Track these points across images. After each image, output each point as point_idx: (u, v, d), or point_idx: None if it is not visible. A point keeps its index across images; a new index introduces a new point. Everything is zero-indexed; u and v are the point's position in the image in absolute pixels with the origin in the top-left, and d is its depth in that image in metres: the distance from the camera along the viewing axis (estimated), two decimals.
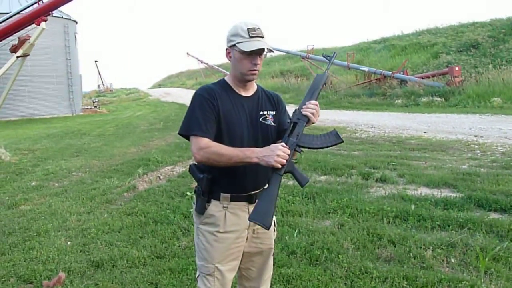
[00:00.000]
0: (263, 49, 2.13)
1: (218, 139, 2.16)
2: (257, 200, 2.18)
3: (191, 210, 5.35)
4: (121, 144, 12.66)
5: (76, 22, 32.13)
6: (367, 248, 4.06)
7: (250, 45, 2.09)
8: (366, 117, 15.97)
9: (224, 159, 2.07)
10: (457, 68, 19.29)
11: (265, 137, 2.27)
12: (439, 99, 18.39)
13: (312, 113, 2.32)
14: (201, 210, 2.24)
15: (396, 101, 19.86)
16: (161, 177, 7.72)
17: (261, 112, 2.29)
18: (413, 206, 5.08)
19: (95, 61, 57.15)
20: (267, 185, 2.19)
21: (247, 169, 2.17)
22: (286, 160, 2.10)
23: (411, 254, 3.86)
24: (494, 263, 3.58)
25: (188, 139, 2.28)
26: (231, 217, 2.21)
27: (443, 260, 3.74)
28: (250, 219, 2.10)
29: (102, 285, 3.62)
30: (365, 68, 24.16)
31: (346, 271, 3.59)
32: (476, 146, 9.07)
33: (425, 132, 11.48)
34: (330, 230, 4.55)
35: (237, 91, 2.26)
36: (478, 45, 22.93)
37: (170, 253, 4.24)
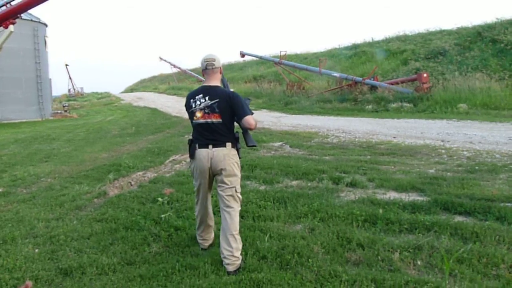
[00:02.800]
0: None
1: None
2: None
3: (162, 216, 5.34)
4: (92, 149, 12.47)
5: (46, 25, 31.51)
6: (337, 251, 4.11)
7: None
8: (338, 123, 16.16)
9: None
10: (425, 75, 19.72)
11: None
12: (408, 104, 18.76)
13: None
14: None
15: (367, 106, 20.15)
16: (132, 183, 7.64)
17: None
18: (381, 210, 5.17)
19: (66, 65, 55.94)
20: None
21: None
22: None
23: (379, 257, 3.93)
24: (458, 265, 3.67)
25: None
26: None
27: (410, 263, 3.82)
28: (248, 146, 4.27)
29: None
30: (337, 74, 24.46)
31: (316, 275, 3.63)
32: (443, 151, 9.30)
33: (394, 137, 11.69)
34: (300, 234, 4.59)
35: None
36: (445, 53, 23.51)
37: (140, 260, 4.21)
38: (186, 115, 15.81)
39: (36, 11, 30.54)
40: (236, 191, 4.07)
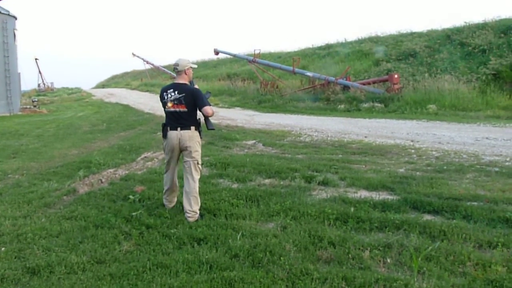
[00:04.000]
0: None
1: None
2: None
3: (133, 214, 5.28)
4: (62, 146, 12.22)
5: (16, 18, 30.65)
6: (308, 250, 4.14)
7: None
8: (310, 122, 16.27)
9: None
10: (396, 76, 20.03)
11: None
12: (379, 105, 19.03)
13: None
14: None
15: (339, 106, 20.35)
16: (103, 180, 7.52)
17: None
18: (352, 209, 5.23)
19: (36, 59, 54.68)
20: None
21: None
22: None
23: (350, 255, 3.97)
24: (426, 263, 3.75)
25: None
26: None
27: (380, 261, 3.88)
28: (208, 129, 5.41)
29: None
30: (310, 74, 24.61)
31: (287, 273, 3.64)
32: (413, 151, 9.47)
33: (365, 137, 11.85)
34: (273, 232, 4.60)
35: None
36: (416, 54, 23.93)
37: (110, 258, 4.14)
38: (158, 112, 15.71)
39: (5, 4, 29.71)
40: (197, 163, 5.37)
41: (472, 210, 5.02)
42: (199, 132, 5.44)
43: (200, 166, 5.41)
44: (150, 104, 27.08)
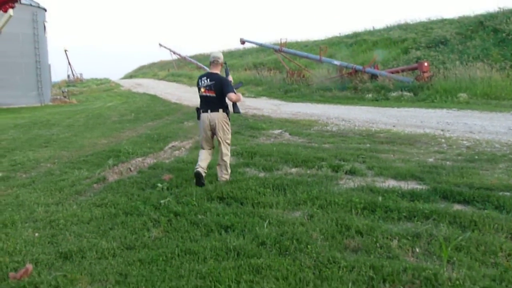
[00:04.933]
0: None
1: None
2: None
3: (161, 201, 5.37)
4: (91, 135, 12.48)
5: (45, 10, 31.29)
6: (336, 238, 4.13)
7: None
8: (337, 111, 16.14)
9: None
10: (426, 64, 19.63)
11: None
12: (408, 93, 18.71)
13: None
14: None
15: (367, 95, 20.10)
16: (132, 169, 7.65)
17: None
18: (380, 198, 5.18)
19: (65, 50, 55.40)
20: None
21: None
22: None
23: (377, 244, 3.94)
24: (456, 253, 3.69)
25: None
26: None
27: (408, 250, 3.84)
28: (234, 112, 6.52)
29: (70, 276, 3.58)
30: (337, 62, 24.32)
31: (314, 261, 3.65)
32: (443, 140, 9.30)
33: (394, 126, 11.69)
34: (299, 221, 4.61)
35: None
36: (447, 42, 23.38)
37: (140, 244, 4.23)
38: (185, 102, 15.95)
39: None
40: (226, 140, 6.38)
41: (505, 200, 4.90)
42: (227, 114, 6.34)
43: (228, 141, 6.44)
44: (177, 94, 27.32)
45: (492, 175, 6.21)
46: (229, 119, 6.38)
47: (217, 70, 6.40)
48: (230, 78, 6.53)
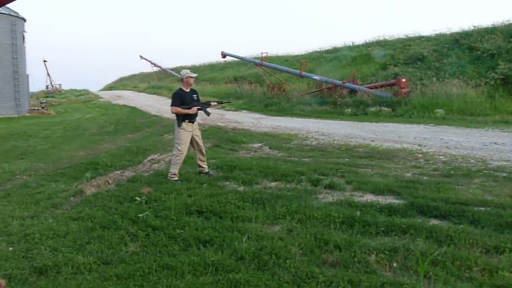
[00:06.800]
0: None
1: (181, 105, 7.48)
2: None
3: (140, 215, 5.30)
4: (69, 147, 12.30)
5: (25, 20, 30.96)
6: (314, 253, 4.14)
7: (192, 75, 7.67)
8: (317, 125, 16.26)
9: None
10: (404, 80, 19.97)
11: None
12: (386, 109, 18.98)
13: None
14: (180, 124, 7.48)
15: (346, 110, 20.31)
16: (110, 182, 7.56)
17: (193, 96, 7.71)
18: (358, 212, 5.22)
19: (44, 61, 54.90)
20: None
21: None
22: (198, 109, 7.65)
23: (356, 258, 3.96)
24: (433, 267, 3.74)
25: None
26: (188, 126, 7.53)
27: (385, 265, 3.87)
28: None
29: None
30: (317, 77, 24.58)
31: (293, 276, 3.64)
32: (420, 155, 9.44)
33: (372, 141, 11.82)
34: (278, 235, 4.61)
35: (186, 90, 7.64)
36: (424, 58, 23.84)
37: (117, 259, 4.17)
38: (166, 114, 15.76)
39: (14, 6, 29.96)
40: (174, 144, 7.67)
41: (480, 215, 5.00)
42: (177, 121, 7.54)
43: (177, 146, 7.54)
44: (157, 106, 27.17)
45: (468, 190, 6.32)
46: (179, 126, 7.49)
47: (182, 86, 7.70)
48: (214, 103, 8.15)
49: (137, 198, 6.15)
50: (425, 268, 3.62)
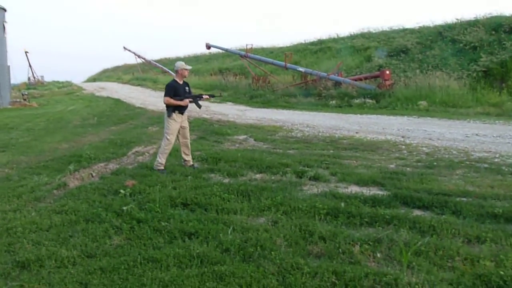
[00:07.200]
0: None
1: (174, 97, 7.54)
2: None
3: (124, 208, 5.26)
4: (52, 140, 12.13)
5: (5, 10, 30.28)
6: (299, 244, 4.16)
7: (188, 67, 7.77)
8: (302, 117, 16.29)
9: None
10: (387, 72, 20.09)
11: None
12: (370, 101, 19.09)
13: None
14: (170, 114, 7.54)
15: (331, 102, 20.38)
16: (94, 174, 7.49)
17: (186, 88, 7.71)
18: (343, 204, 5.25)
19: (26, 52, 53.78)
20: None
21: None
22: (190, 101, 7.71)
23: (340, 249, 3.99)
24: (416, 257, 3.78)
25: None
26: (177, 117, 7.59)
27: (369, 255, 3.90)
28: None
29: (28, 286, 3.47)
30: (302, 69, 24.62)
31: (278, 267, 3.65)
32: (403, 147, 9.53)
33: (357, 133, 11.89)
34: (264, 227, 4.61)
35: (179, 82, 7.66)
36: (407, 51, 24.01)
37: (101, 252, 4.13)
38: (150, 106, 15.66)
39: None
40: (164, 134, 7.73)
41: (462, 206, 5.07)
42: (167, 112, 7.58)
43: (166, 135, 7.58)
44: (142, 98, 26.94)
45: (450, 181, 6.40)
46: (169, 116, 7.54)
47: (176, 78, 7.76)
48: (205, 96, 8.03)
49: (121, 191, 6.10)
50: (408, 258, 3.66)
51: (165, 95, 7.52)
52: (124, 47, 52.83)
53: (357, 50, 27.80)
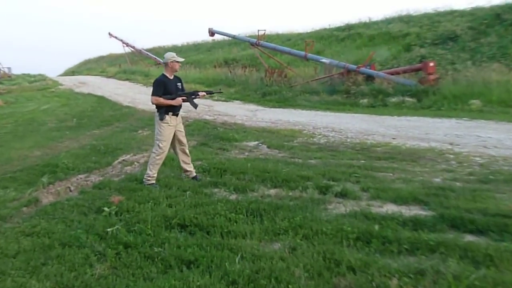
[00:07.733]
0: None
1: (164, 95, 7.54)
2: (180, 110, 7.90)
3: (108, 230, 5.28)
4: (21, 145, 12.25)
5: None
6: (323, 276, 4.14)
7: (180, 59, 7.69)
8: (326, 119, 16.26)
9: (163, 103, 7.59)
10: (432, 64, 19.94)
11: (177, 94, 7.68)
12: (410, 99, 18.97)
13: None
14: (163, 117, 7.52)
15: (361, 100, 20.29)
16: (72, 188, 7.56)
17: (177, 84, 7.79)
18: (377, 226, 5.22)
19: None
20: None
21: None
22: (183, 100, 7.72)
23: (373, 283, 3.97)
24: None
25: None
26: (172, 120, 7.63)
27: None
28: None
29: None
30: (326, 60, 24.56)
31: None
32: (452, 156, 9.46)
33: (393, 138, 11.83)
34: (279, 255, 4.60)
35: (169, 77, 7.70)
36: (457, 38, 23.86)
37: (80, 284, 4.16)
38: (140, 106, 15.73)
39: None
40: (155, 141, 7.72)
41: None
42: (159, 114, 7.57)
43: (158, 143, 7.58)
44: (130, 95, 27.12)
45: (510, 199, 6.33)
46: (162, 120, 7.51)
47: (166, 72, 7.74)
48: (202, 93, 8.04)
49: (106, 209, 6.13)
50: None
51: (153, 94, 7.50)
52: (110, 34, 53.22)
53: (394, 37, 27.73)
